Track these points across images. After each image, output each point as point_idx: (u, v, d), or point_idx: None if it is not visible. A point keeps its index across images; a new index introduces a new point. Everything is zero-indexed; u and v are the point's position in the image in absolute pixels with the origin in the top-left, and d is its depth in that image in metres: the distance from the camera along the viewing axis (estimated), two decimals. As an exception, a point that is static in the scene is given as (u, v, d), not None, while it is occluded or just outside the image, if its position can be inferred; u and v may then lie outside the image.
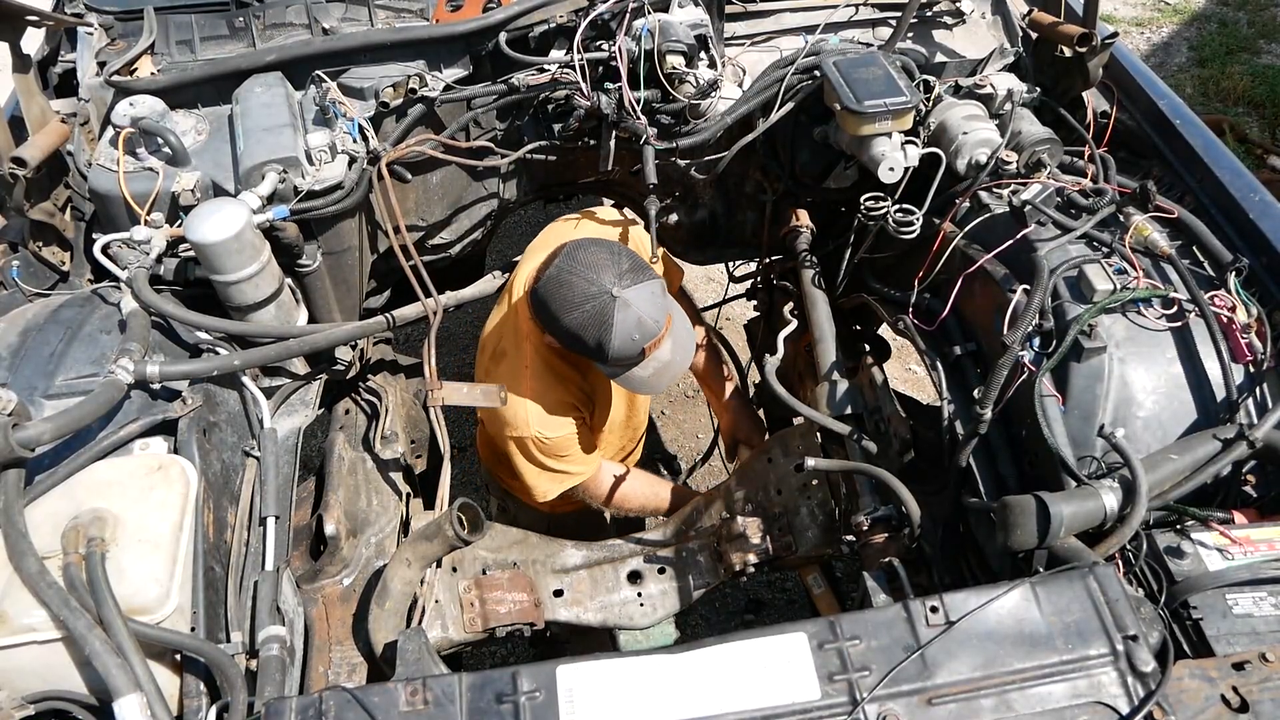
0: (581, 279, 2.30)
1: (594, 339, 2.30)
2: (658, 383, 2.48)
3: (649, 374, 2.43)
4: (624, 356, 2.35)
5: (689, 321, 2.61)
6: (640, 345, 2.32)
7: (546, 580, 2.53)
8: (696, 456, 4.62)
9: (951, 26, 2.99)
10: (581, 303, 2.28)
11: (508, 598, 2.35)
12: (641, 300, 2.30)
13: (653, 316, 2.32)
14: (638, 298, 2.30)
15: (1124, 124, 2.80)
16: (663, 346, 2.41)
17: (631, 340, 2.30)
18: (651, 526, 2.79)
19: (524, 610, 2.37)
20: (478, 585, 2.37)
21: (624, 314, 2.28)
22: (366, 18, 2.81)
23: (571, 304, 2.30)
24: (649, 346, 2.35)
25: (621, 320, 2.28)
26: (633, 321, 2.29)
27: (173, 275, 2.40)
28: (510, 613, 2.34)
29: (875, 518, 2.30)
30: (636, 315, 2.29)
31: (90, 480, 1.89)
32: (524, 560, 2.53)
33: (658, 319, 2.34)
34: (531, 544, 2.58)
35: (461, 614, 2.31)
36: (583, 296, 2.28)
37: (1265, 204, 2.38)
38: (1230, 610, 1.68)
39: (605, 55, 2.63)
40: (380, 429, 2.59)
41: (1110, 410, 2.03)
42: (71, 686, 1.72)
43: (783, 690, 1.55)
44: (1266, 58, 7.14)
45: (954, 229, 2.46)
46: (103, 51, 2.72)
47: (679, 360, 2.50)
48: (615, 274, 2.30)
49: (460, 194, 2.99)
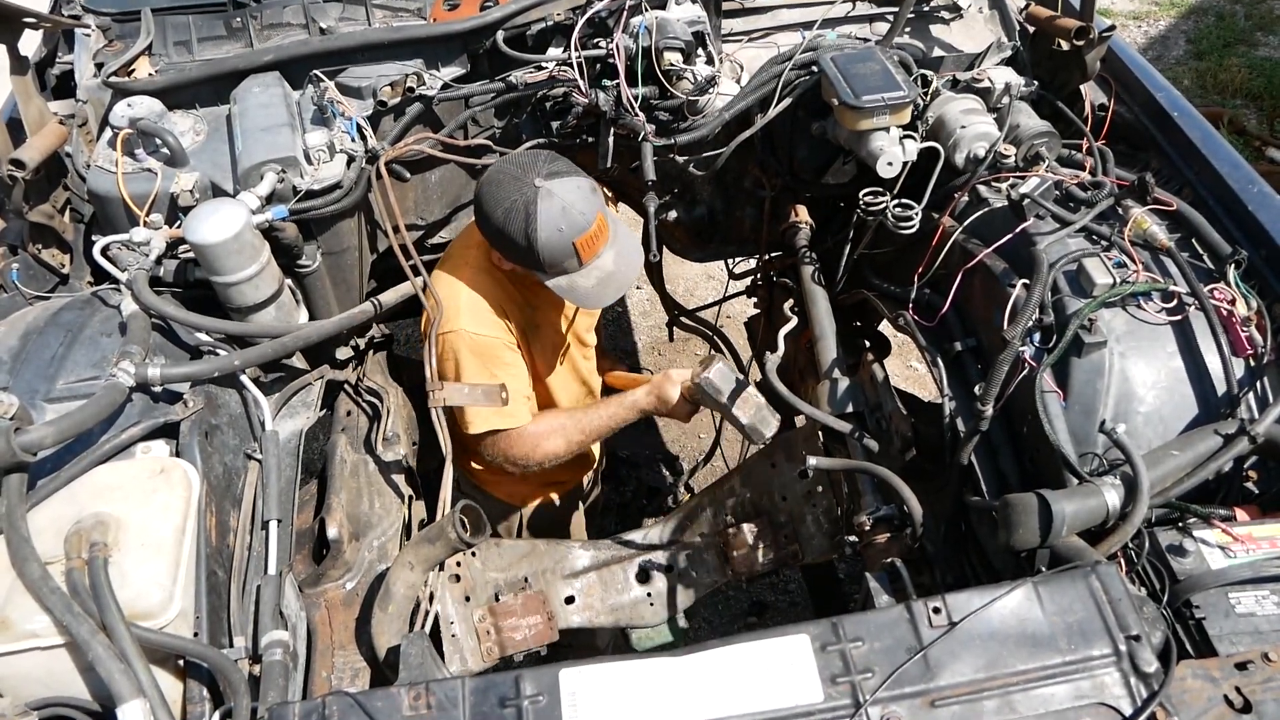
0: (508, 175, 2.32)
1: (520, 233, 2.29)
2: (603, 293, 2.44)
3: (592, 284, 2.40)
4: (554, 252, 2.31)
5: (635, 238, 2.57)
6: (569, 238, 2.30)
7: (558, 588, 2.54)
8: (698, 457, 4.62)
9: (949, 21, 2.99)
10: (506, 196, 2.30)
11: (522, 623, 2.38)
12: (566, 191, 2.29)
13: (579, 209, 2.30)
14: (562, 188, 2.29)
15: (1122, 117, 2.80)
16: (603, 254, 2.39)
17: (558, 231, 2.28)
18: (653, 524, 2.78)
19: (539, 634, 2.39)
20: (492, 613, 2.38)
21: (548, 203, 2.27)
22: (364, 17, 2.81)
23: (498, 199, 2.31)
24: (581, 244, 2.32)
25: (546, 210, 2.27)
26: (557, 210, 2.27)
27: (172, 277, 2.40)
28: (526, 639, 2.37)
29: (878, 517, 2.30)
30: (561, 204, 2.27)
31: (92, 484, 1.89)
32: (534, 572, 2.53)
33: (586, 211, 2.31)
34: (540, 552, 2.58)
35: (479, 644, 2.33)
36: (507, 191, 2.30)
37: (1264, 196, 2.37)
38: (1233, 609, 1.68)
39: (603, 52, 2.62)
40: (382, 431, 2.58)
41: (1111, 405, 2.03)
42: (74, 692, 1.72)
43: (785, 692, 1.55)
44: (1264, 50, 7.14)
45: (953, 223, 2.46)
46: (100, 53, 2.72)
47: (624, 272, 2.46)
48: (540, 168, 2.30)
49: (459, 192, 2.99)
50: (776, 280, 3.42)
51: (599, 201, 2.38)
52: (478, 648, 2.33)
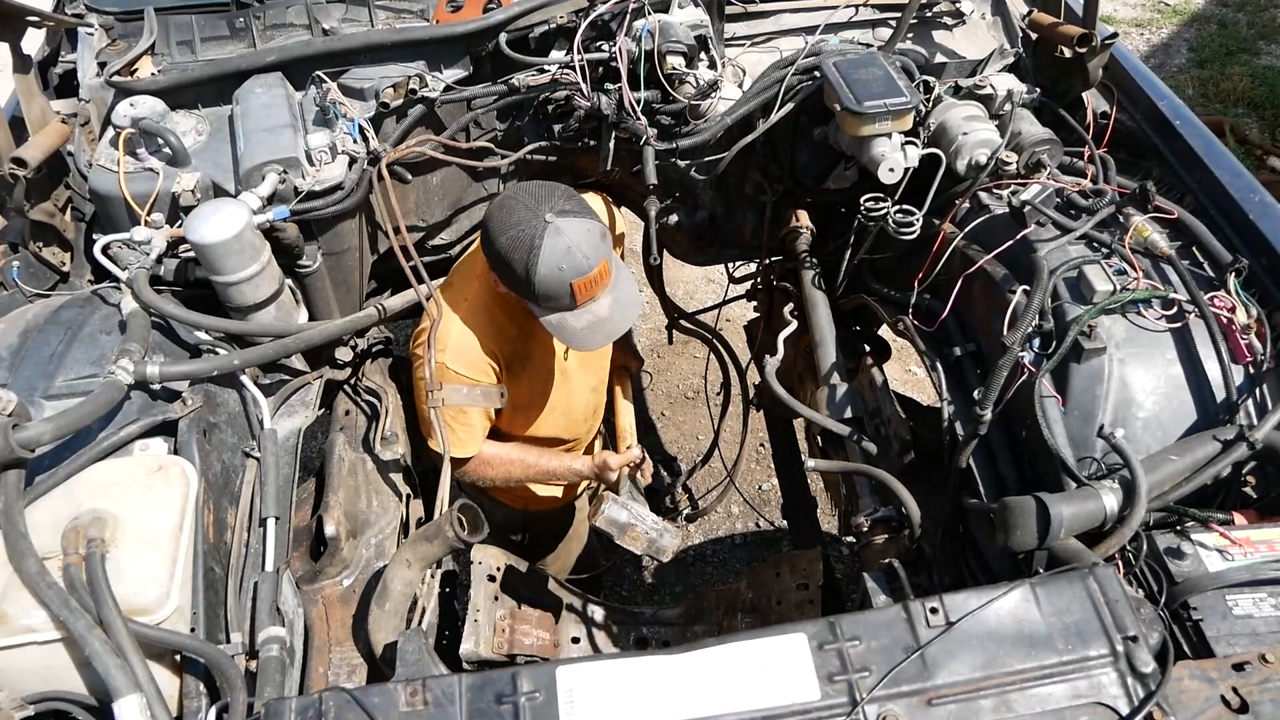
0: (521, 203, 2.31)
1: (521, 264, 2.28)
2: (590, 338, 2.42)
3: (581, 325, 2.38)
4: (551, 289, 2.30)
5: (637, 287, 2.55)
6: (568, 279, 2.28)
7: (568, 627, 2.67)
8: (696, 458, 4.62)
9: (951, 27, 3.00)
10: (515, 224, 2.28)
11: (534, 632, 2.48)
12: (574, 231, 2.28)
13: (584, 251, 2.28)
14: (571, 228, 2.27)
15: (1124, 125, 2.80)
16: (599, 300, 2.38)
17: (558, 270, 2.27)
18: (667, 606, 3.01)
19: (543, 646, 2.48)
20: (513, 616, 2.49)
21: (554, 239, 2.25)
22: (367, 18, 2.82)
23: (506, 225, 2.30)
24: (579, 286, 2.30)
25: (550, 246, 2.25)
26: (561, 248, 2.26)
27: (173, 276, 2.40)
28: (532, 645, 2.45)
29: (875, 519, 2.30)
30: (566, 244, 2.26)
31: (90, 481, 1.89)
32: (554, 605, 2.68)
33: (590, 255, 2.29)
34: (564, 594, 2.75)
35: (494, 636, 2.42)
36: (517, 218, 2.29)
37: (1265, 205, 2.37)
38: (1230, 611, 1.68)
39: (605, 56, 2.63)
40: (380, 430, 2.58)
41: (1110, 411, 2.03)
42: (71, 687, 1.72)
43: (782, 691, 1.55)
44: (1266, 59, 7.15)
45: (954, 230, 2.46)
46: (103, 52, 2.72)
47: (617, 320, 2.44)
48: (554, 204, 2.29)
49: (460, 194, 2.99)
50: (776, 284, 3.42)
51: (606, 248, 2.36)
52: (491, 638, 2.40)
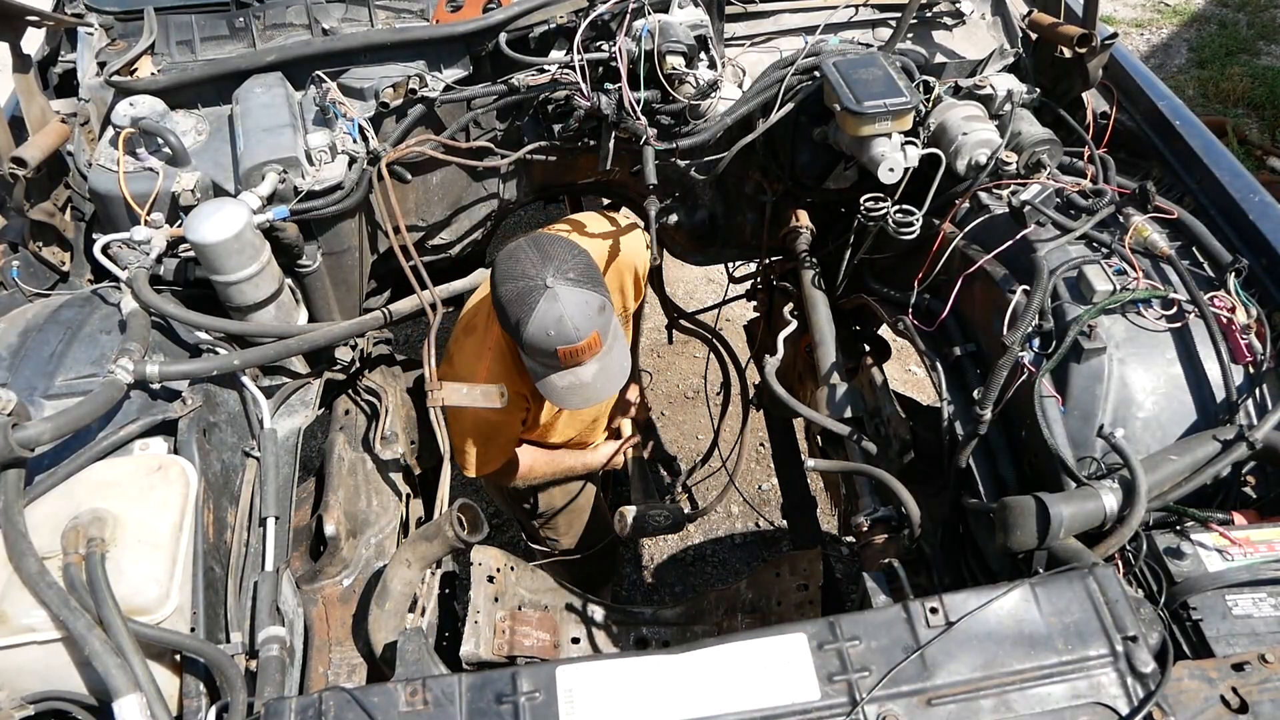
0: (529, 258, 2.29)
1: (514, 316, 2.27)
2: (569, 398, 2.40)
3: (563, 385, 2.37)
4: (538, 349, 2.29)
5: (629, 361, 2.54)
6: (554, 345, 2.26)
7: (568, 627, 2.67)
8: (696, 457, 4.62)
9: (951, 27, 3.00)
10: (517, 277, 2.28)
11: (534, 634, 2.51)
12: (572, 301, 2.25)
13: (576, 323, 2.25)
14: (569, 297, 2.25)
15: (1124, 125, 2.80)
16: (585, 365, 2.35)
17: (546, 334, 2.25)
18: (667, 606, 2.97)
19: (543, 648, 2.50)
20: (513, 618, 2.50)
21: (549, 305, 2.23)
22: (366, 18, 2.82)
23: (510, 275, 2.29)
24: (564, 352, 2.28)
25: (544, 310, 2.23)
26: (553, 316, 2.23)
27: (173, 275, 2.40)
28: (532, 647, 2.47)
29: (875, 518, 2.30)
30: (560, 312, 2.23)
31: (90, 480, 1.89)
32: (554, 605, 2.69)
33: (580, 328, 2.25)
34: (565, 593, 2.75)
35: (494, 638, 2.43)
36: (521, 272, 2.28)
37: (1265, 205, 2.38)
38: (1230, 611, 1.68)
39: (605, 56, 2.63)
40: (380, 429, 2.59)
41: (1110, 411, 2.03)
42: (71, 687, 1.72)
43: (782, 691, 1.55)
44: (1266, 59, 7.15)
45: (954, 230, 2.46)
46: (103, 52, 2.72)
47: (599, 388, 2.42)
48: (561, 268, 2.27)
49: (460, 194, 2.99)
50: (776, 284, 3.42)
51: (601, 322, 2.32)
52: (491, 640, 2.42)
